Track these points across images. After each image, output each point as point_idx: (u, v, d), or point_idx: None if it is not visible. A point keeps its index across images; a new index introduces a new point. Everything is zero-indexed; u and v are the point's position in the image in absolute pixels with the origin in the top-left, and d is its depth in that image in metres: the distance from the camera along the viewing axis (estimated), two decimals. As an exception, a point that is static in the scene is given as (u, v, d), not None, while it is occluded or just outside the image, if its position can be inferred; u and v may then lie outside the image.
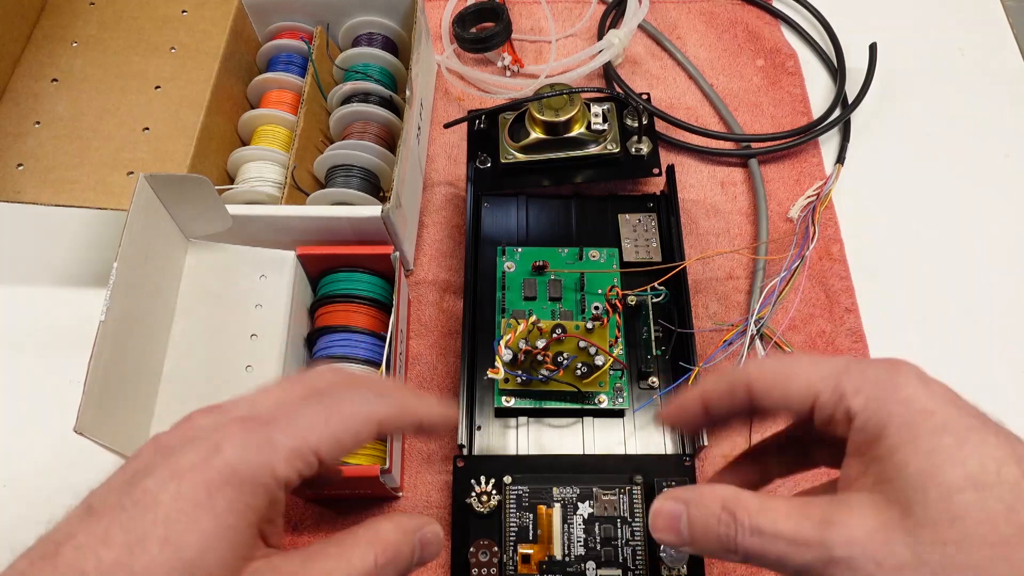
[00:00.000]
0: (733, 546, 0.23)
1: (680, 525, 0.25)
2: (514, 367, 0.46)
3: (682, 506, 0.25)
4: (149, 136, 0.55)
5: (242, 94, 0.57)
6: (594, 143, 0.55)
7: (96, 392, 0.37)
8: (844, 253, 0.56)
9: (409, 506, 0.47)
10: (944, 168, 0.61)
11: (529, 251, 0.52)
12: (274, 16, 0.59)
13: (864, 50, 0.65)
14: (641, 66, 0.66)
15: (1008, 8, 0.69)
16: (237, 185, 0.53)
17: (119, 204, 0.51)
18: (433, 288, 0.55)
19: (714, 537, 0.24)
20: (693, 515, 0.25)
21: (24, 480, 0.49)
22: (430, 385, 0.52)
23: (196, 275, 0.46)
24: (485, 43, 0.63)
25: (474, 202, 0.54)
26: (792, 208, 0.57)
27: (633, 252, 0.53)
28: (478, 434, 0.48)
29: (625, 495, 0.44)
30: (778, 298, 0.53)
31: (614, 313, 0.48)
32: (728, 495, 0.24)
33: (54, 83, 0.57)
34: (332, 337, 0.47)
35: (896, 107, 0.64)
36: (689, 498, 0.25)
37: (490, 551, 0.43)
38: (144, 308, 0.42)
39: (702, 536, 0.24)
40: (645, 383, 0.49)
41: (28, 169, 0.53)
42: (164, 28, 0.60)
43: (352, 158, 0.52)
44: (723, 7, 0.69)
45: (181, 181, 0.43)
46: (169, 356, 0.44)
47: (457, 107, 0.64)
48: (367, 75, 0.57)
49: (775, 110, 0.63)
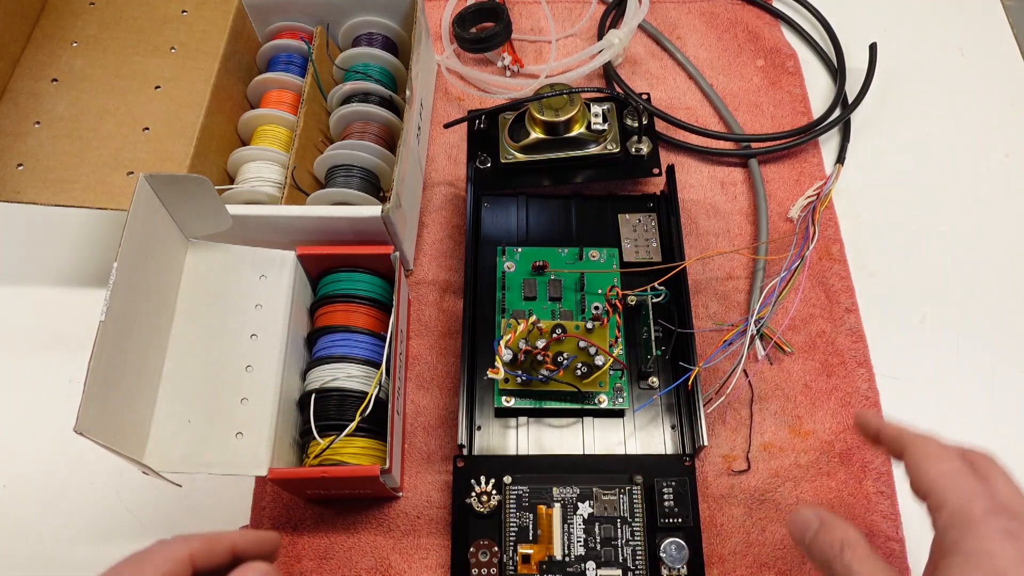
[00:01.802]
0: (828, 565, 0.32)
1: (808, 532, 0.34)
2: (514, 367, 0.46)
3: (817, 523, 0.34)
4: (149, 136, 0.55)
5: (242, 94, 0.57)
6: (594, 143, 0.55)
7: (96, 392, 0.37)
8: (844, 253, 0.56)
9: (409, 506, 0.47)
10: (944, 168, 0.61)
11: (529, 251, 0.52)
12: (274, 16, 0.59)
13: (864, 50, 0.65)
14: (641, 66, 0.66)
15: (1008, 8, 0.69)
16: (237, 185, 0.53)
17: (119, 204, 0.51)
18: (433, 288, 0.55)
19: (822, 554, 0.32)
20: (820, 534, 0.33)
21: (24, 480, 0.49)
22: (430, 385, 0.52)
23: (196, 275, 0.46)
24: (485, 43, 0.63)
25: (474, 202, 0.54)
26: (792, 208, 0.57)
27: (633, 252, 0.53)
28: (478, 434, 0.48)
29: (625, 495, 0.44)
30: (778, 298, 0.53)
31: (614, 313, 0.48)
32: (850, 535, 0.32)
33: (54, 83, 0.57)
34: (332, 337, 0.47)
35: (896, 107, 0.64)
36: (825, 520, 0.34)
37: (490, 551, 0.43)
38: (144, 308, 0.42)
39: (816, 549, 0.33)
40: (645, 383, 0.49)
41: (28, 169, 0.53)
42: (164, 28, 0.60)
43: (352, 158, 0.52)
44: (723, 7, 0.69)
45: (181, 181, 0.43)
46: (169, 356, 0.44)
47: (457, 107, 0.64)
48: (367, 75, 0.57)
49: (775, 110, 0.63)
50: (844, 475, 0.48)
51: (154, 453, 0.41)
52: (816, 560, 0.33)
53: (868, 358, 0.52)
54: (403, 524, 0.47)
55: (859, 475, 0.48)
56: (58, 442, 0.48)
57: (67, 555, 0.47)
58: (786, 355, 0.52)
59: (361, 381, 0.46)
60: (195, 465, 0.41)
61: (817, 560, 0.33)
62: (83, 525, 0.48)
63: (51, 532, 0.48)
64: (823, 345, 0.53)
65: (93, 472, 0.49)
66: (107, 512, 0.48)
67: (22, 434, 0.51)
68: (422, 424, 0.50)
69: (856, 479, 0.48)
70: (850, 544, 0.32)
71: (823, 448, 0.49)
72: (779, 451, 0.49)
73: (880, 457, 0.49)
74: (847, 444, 0.49)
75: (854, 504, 0.47)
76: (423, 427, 0.50)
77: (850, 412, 0.50)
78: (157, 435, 0.41)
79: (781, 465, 0.48)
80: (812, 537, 0.34)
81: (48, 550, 0.47)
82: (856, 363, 0.52)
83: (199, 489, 0.47)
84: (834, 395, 0.51)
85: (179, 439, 0.42)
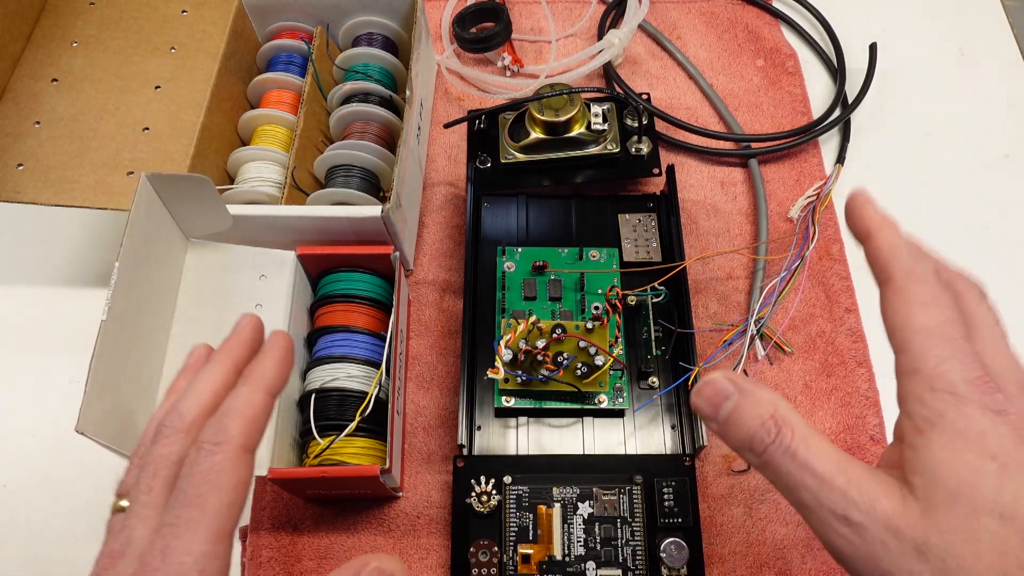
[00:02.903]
0: (761, 450, 0.25)
1: (724, 404, 0.26)
2: (514, 367, 0.46)
3: (735, 391, 0.26)
4: (149, 136, 0.55)
5: (242, 94, 0.57)
6: (594, 143, 0.55)
7: (97, 392, 0.37)
8: (844, 253, 0.56)
9: (409, 506, 0.47)
10: (944, 168, 0.61)
11: (529, 251, 0.52)
12: (274, 16, 0.59)
13: (864, 50, 0.65)
14: (641, 66, 0.66)
15: (1008, 8, 0.69)
16: (237, 185, 0.53)
17: (119, 204, 0.51)
18: (433, 288, 0.55)
19: (747, 434, 0.25)
20: (742, 405, 0.25)
21: (24, 480, 0.49)
22: (430, 385, 0.52)
23: (196, 275, 0.46)
24: (485, 43, 0.63)
25: (474, 202, 0.54)
26: (792, 208, 0.57)
27: (633, 252, 0.53)
28: (478, 434, 0.48)
29: (625, 495, 0.44)
30: (778, 298, 0.53)
31: (614, 313, 0.48)
32: (782, 408, 0.25)
33: (54, 83, 0.57)
34: (332, 337, 0.47)
35: (896, 107, 0.64)
36: (745, 388, 0.26)
37: (490, 551, 0.43)
38: (144, 308, 0.42)
39: (737, 426, 0.25)
40: (645, 383, 0.49)
41: (28, 169, 0.53)
42: (164, 28, 0.60)
43: (352, 158, 0.52)
44: (723, 7, 0.69)
45: (181, 181, 0.43)
46: (169, 356, 0.44)
47: (457, 107, 0.64)
48: (367, 75, 0.57)
49: (775, 110, 0.63)
50: (844, 475, 0.48)
51: (154, 453, 0.41)
52: (734, 441, 0.26)
53: (868, 358, 0.52)
54: (403, 524, 0.47)
55: (859, 475, 0.48)
56: (58, 442, 0.48)
57: (67, 555, 0.47)
58: (786, 355, 0.52)
59: (361, 381, 0.46)
60: (195, 465, 0.41)
61: (736, 441, 0.26)
62: (83, 525, 0.48)
63: (51, 532, 0.48)
64: (823, 345, 0.53)
65: (93, 472, 0.49)
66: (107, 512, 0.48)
67: (22, 434, 0.51)
68: (422, 424, 0.50)
69: (856, 479, 0.48)
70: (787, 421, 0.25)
71: (823, 448, 0.49)
72: (779, 451, 0.49)
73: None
74: (847, 444, 0.49)
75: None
76: (423, 427, 0.50)
77: (850, 412, 0.50)
78: (157, 435, 0.41)
79: (781, 465, 0.48)
80: (730, 411, 0.26)
81: (48, 550, 0.47)
82: (856, 363, 0.52)
83: (199, 489, 0.47)
84: (834, 395, 0.51)
85: (179, 439, 0.42)
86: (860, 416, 0.50)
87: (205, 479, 0.27)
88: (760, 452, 0.25)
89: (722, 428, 0.26)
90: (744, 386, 0.26)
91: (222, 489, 0.27)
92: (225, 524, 0.26)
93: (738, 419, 0.26)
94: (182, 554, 0.25)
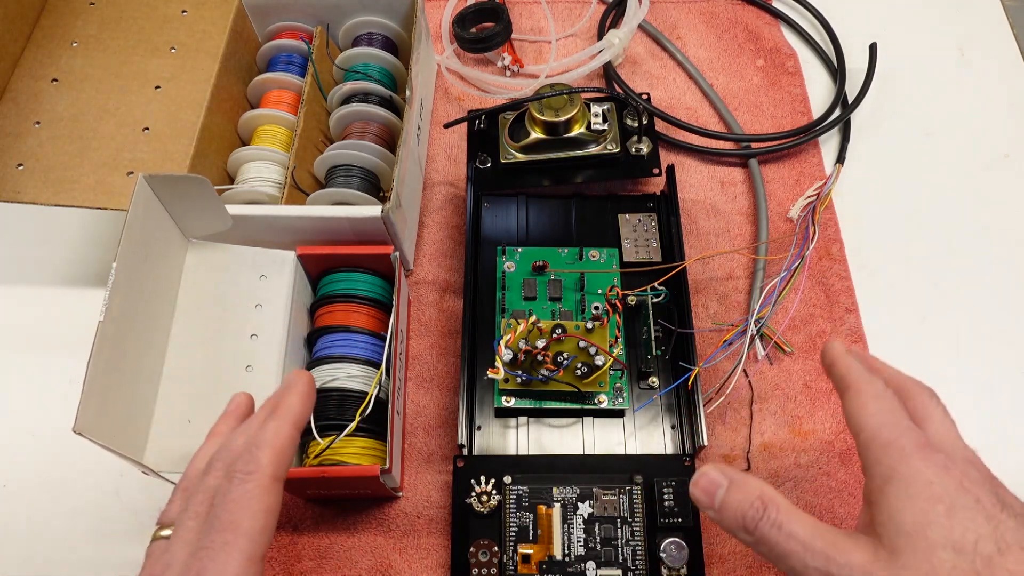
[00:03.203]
0: (752, 528, 0.29)
1: (717, 494, 0.30)
2: (514, 367, 0.46)
3: (726, 481, 0.30)
4: (149, 136, 0.55)
5: (242, 94, 0.57)
6: (594, 143, 0.55)
7: (96, 392, 0.37)
8: (844, 253, 0.56)
9: (409, 506, 0.47)
10: (944, 168, 0.61)
11: (529, 251, 0.52)
12: (274, 16, 0.59)
13: (864, 50, 0.65)
14: (641, 66, 0.66)
15: (1008, 8, 0.69)
16: (237, 185, 0.53)
17: (119, 204, 0.51)
18: (433, 288, 0.55)
19: (739, 515, 0.29)
20: (732, 493, 0.30)
21: (24, 480, 0.49)
22: (430, 385, 0.52)
23: (196, 275, 0.46)
24: (485, 43, 0.63)
25: (474, 202, 0.54)
26: (792, 208, 0.57)
27: (633, 252, 0.53)
28: (478, 434, 0.48)
29: (625, 495, 0.44)
30: (778, 298, 0.53)
31: (614, 313, 0.48)
32: (767, 491, 0.29)
33: (54, 83, 0.57)
34: (332, 337, 0.47)
35: (896, 107, 0.64)
36: (734, 478, 0.30)
37: (490, 551, 0.43)
38: (144, 308, 0.42)
39: (730, 509, 0.29)
40: (645, 383, 0.49)
41: (28, 169, 0.53)
42: (164, 28, 0.60)
43: (352, 158, 0.52)
44: (723, 7, 0.69)
45: (181, 181, 0.43)
46: (169, 356, 0.44)
47: (457, 107, 0.64)
48: (367, 75, 0.57)
49: (775, 110, 0.63)
50: (844, 475, 0.48)
51: (154, 453, 0.41)
52: (730, 523, 0.30)
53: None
54: (403, 524, 0.47)
55: (859, 475, 0.48)
56: (58, 442, 0.48)
57: (67, 555, 0.47)
58: (786, 355, 0.52)
59: (361, 381, 0.46)
60: (195, 465, 0.41)
61: (732, 523, 0.30)
62: (83, 525, 0.48)
63: (51, 532, 0.48)
64: (823, 345, 0.52)
65: (93, 472, 0.49)
66: (107, 512, 0.48)
67: (22, 434, 0.51)
68: (422, 424, 0.50)
69: (856, 479, 0.48)
70: (771, 500, 0.29)
71: (823, 448, 0.49)
72: (779, 451, 0.49)
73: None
74: (847, 444, 0.49)
75: (854, 504, 0.47)
76: (423, 427, 0.50)
77: (850, 412, 0.50)
78: (157, 435, 0.41)
79: (781, 465, 0.48)
80: (723, 498, 0.30)
81: (48, 550, 0.47)
82: (856, 363, 0.52)
83: (199, 489, 0.47)
84: (834, 395, 0.51)
85: (179, 439, 0.42)
86: (860, 416, 0.50)
87: (238, 505, 0.29)
88: (752, 529, 0.29)
89: (718, 513, 0.30)
90: (734, 476, 0.30)
91: (254, 515, 0.29)
92: (257, 548, 0.28)
93: (731, 503, 0.30)
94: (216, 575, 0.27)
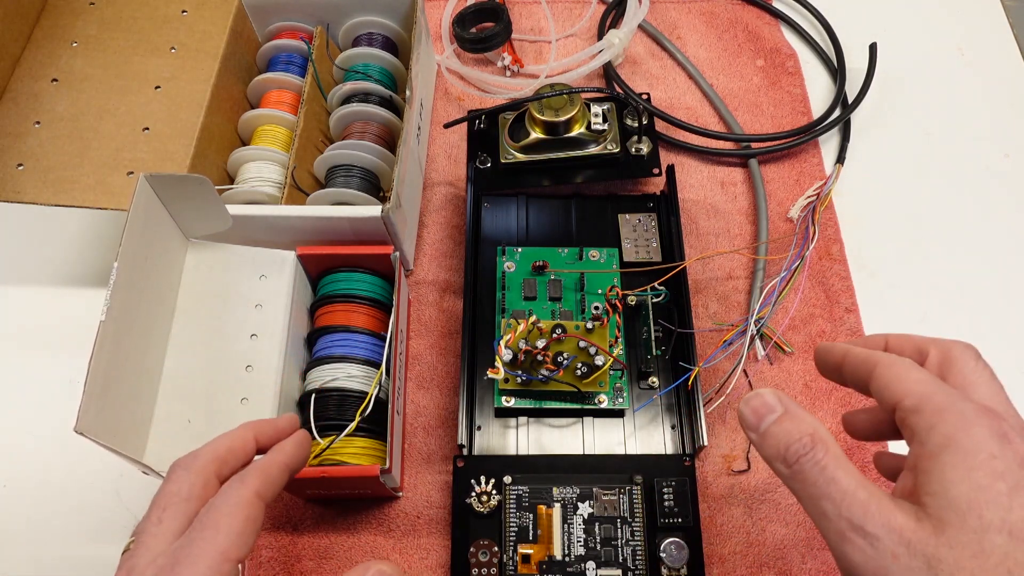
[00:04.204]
0: (794, 460, 0.27)
1: (766, 417, 0.29)
2: (514, 367, 0.46)
3: (781, 409, 0.29)
4: (149, 136, 0.55)
5: (242, 94, 0.57)
6: (594, 143, 0.55)
7: (96, 392, 0.37)
8: (844, 253, 0.56)
9: (409, 506, 0.47)
10: (944, 168, 0.61)
11: (529, 251, 0.52)
12: (274, 16, 0.59)
13: (864, 50, 0.65)
14: (641, 66, 0.66)
15: (1008, 8, 0.69)
16: (237, 185, 0.53)
17: (119, 204, 0.51)
18: (433, 288, 0.55)
19: (784, 446, 0.27)
20: (783, 422, 0.28)
21: (24, 480, 0.49)
22: (430, 385, 0.52)
23: (196, 275, 0.46)
24: (485, 43, 0.63)
25: (474, 202, 0.54)
26: (792, 208, 0.57)
27: (633, 252, 0.53)
28: (478, 434, 0.48)
29: (625, 495, 0.44)
30: (778, 298, 0.53)
31: (614, 313, 0.48)
32: (820, 430, 0.27)
33: (54, 83, 0.57)
34: (332, 337, 0.47)
35: (896, 107, 0.64)
36: (790, 408, 0.29)
37: (490, 551, 0.43)
38: (144, 308, 0.42)
39: (776, 437, 0.28)
40: (645, 383, 0.49)
41: (28, 169, 0.53)
42: (164, 28, 0.60)
43: (352, 158, 0.52)
44: (723, 7, 0.69)
45: (181, 181, 0.43)
46: (169, 356, 0.44)
47: (457, 107, 0.64)
48: (367, 75, 0.57)
49: (775, 110, 0.63)
50: (844, 475, 0.48)
51: (154, 453, 0.41)
52: (771, 451, 0.28)
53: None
54: (403, 524, 0.47)
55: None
56: (58, 442, 0.48)
57: (67, 555, 0.47)
58: (786, 355, 0.52)
59: (361, 381, 0.46)
60: (195, 465, 0.41)
61: (773, 452, 0.28)
62: (83, 525, 0.48)
63: (51, 532, 0.48)
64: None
65: (93, 472, 0.49)
66: (107, 512, 0.48)
67: (22, 434, 0.51)
68: (422, 424, 0.50)
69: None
70: (823, 441, 0.27)
71: (823, 448, 0.49)
72: (779, 451, 0.49)
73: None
74: (847, 444, 0.49)
75: (854, 504, 0.47)
76: (423, 427, 0.50)
77: (850, 412, 0.50)
78: (157, 435, 0.41)
79: (781, 465, 0.48)
80: (772, 423, 0.28)
81: (48, 550, 0.47)
82: (856, 363, 0.52)
83: (199, 489, 0.47)
84: (834, 395, 0.51)
85: (179, 439, 0.42)
86: (860, 416, 0.50)
87: (221, 510, 0.29)
88: (792, 463, 0.27)
89: (761, 438, 0.29)
90: (791, 406, 0.29)
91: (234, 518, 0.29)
92: (232, 549, 0.28)
93: (779, 431, 0.28)
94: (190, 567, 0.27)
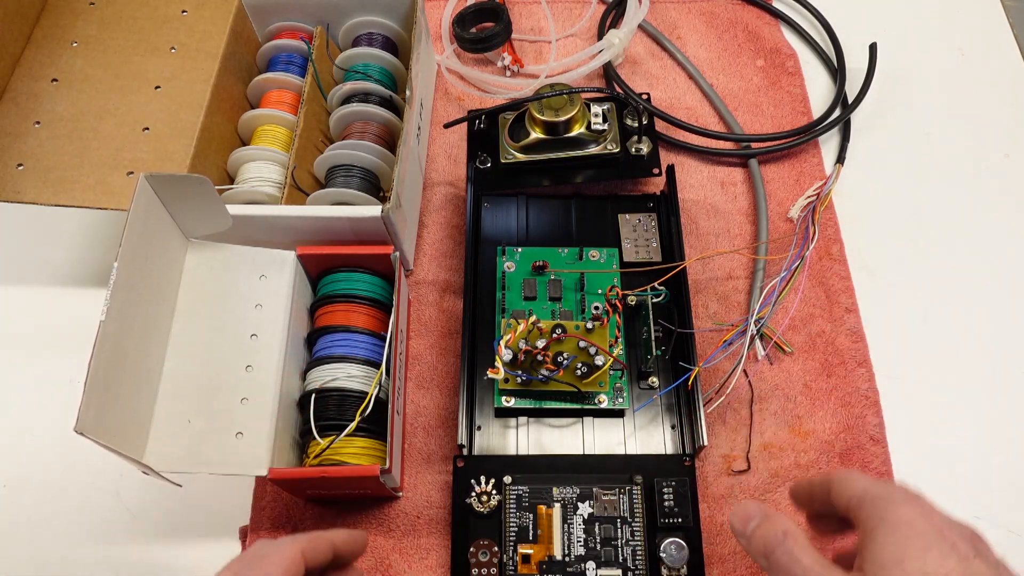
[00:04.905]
0: (770, 552, 0.34)
1: (751, 522, 0.35)
2: (514, 367, 0.46)
3: (760, 515, 0.35)
4: (149, 136, 0.55)
5: (242, 94, 0.57)
6: (594, 143, 0.55)
7: (96, 392, 0.37)
8: (844, 253, 0.56)
9: (409, 506, 0.47)
10: (944, 168, 0.61)
11: (529, 251, 0.52)
12: (274, 16, 0.59)
13: (864, 50, 0.65)
14: (641, 66, 0.66)
15: (1008, 8, 0.69)
16: (237, 185, 0.53)
17: (119, 204, 0.51)
18: (433, 288, 0.55)
19: (764, 543, 0.34)
20: (763, 525, 0.35)
21: (24, 480, 0.49)
22: (430, 385, 0.52)
23: (196, 275, 0.46)
24: (485, 43, 0.63)
25: (474, 202, 0.54)
26: (792, 208, 0.57)
27: (633, 252, 0.53)
28: (478, 434, 0.48)
29: (625, 495, 0.44)
30: (778, 298, 0.53)
31: (614, 313, 0.48)
32: (791, 527, 0.34)
33: (54, 83, 0.57)
34: (332, 337, 0.47)
35: (896, 107, 0.64)
36: (769, 514, 0.35)
37: (490, 551, 0.43)
38: (144, 308, 0.42)
39: (758, 539, 0.35)
40: (645, 383, 0.49)
41: (28, 169, 0.53)
42: (164, 28, 0.60)
43: (352, 158, 0.52)
44: (723, 7, 0.69)
45: (181, 181, 0.43)
46: (169, 356, 0.44)
47: (457, 107, 0.64)
48: (367, 75, 0.57)
49: (775, 110, 0.63)
50: (844, 475, 0.48)
51: (154, 453, 0.41)
52: (755, 550, 0.35)
53: (868, 358, 0.52)
54: (403, 524, 0.47)
55: (859, 475, 0.48)
56: (58, 442, 0.48)
57: (67, 555, 0.47)
58: (786, 355, 0.52)
59: (361, 381, 0.46)
60: (195, 465, 0.41)
61: (756, 550, 0.35)
62: (83, 525, 0.48)
63: (51, 532, 0.48)
64: (823, 345, 0.53)
65: (93, 472, 0.49)
66: (107, 512, 0.48)
67: (22, 434, 0.51)
68: (422, 424, 0.50)
69: (856, 479, 0.48)
70: (792, 534, 0.34)
71: (823, 448, 0.49)
72: (779, 451, 0.49)
73: (880, 457, 0.49)
74: (847, 444, 0.49)
75: (854, 504, 0.47)
76: (423, 427, 0.50)
77: (850, 412, 0.50)
78: (157, 435, 0.41)
79: (781, 465, 0.48)
80: (755, 528, 0.35)
81: (48, 550, 0.47)
82: (856, 363, 0.52)
83: (199, 489, 0.47)
84: (834, 395, 0.51)
85: (179, 439, 0.42)
86: (860, 416, 0.50)
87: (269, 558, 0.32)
88: (769, 554, 0.34)
89: (748, 540, 0.35)
90: (769, 512, 0.35)
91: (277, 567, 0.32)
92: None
93: (759, 534, 0.34)
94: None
